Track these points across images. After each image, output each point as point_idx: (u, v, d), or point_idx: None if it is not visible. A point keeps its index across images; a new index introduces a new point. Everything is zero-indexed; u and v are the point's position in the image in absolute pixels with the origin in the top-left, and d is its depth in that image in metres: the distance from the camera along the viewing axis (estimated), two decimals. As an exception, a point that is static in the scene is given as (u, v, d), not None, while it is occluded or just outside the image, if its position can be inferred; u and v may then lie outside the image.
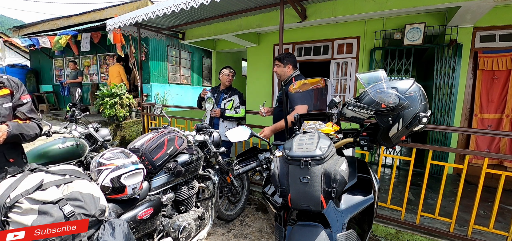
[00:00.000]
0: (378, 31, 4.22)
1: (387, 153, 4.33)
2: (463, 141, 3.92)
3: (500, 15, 3.43)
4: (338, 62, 4.76)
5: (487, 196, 2.43)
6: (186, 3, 2.75)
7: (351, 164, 1.13)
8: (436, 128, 3.03)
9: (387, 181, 3.54)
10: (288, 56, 2.36)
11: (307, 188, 0.90)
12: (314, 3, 3.41)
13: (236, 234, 2.47)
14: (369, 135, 1.19)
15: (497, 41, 3.56)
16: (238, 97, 2.99)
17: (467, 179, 2.16)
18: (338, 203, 1.05)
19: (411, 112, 0.97)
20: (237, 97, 2.98)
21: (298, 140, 1.03)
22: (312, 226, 1.00)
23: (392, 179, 2.38)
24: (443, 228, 2.24)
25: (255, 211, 2.91)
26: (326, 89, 1.69)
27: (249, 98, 6.07)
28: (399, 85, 1.00)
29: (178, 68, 8.42)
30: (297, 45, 5.19)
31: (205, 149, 2.13)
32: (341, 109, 1.20)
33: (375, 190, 1.12)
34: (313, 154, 0.92)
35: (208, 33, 4.70)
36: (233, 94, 2.99)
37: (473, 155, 3.50)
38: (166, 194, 1.72)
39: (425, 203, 2.77)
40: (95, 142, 2.54)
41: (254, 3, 3.41)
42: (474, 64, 3.73)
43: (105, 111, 5.52)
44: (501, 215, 2.50)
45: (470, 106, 3.84)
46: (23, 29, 9.07)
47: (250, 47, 5.75)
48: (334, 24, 4.62)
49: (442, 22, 3.80)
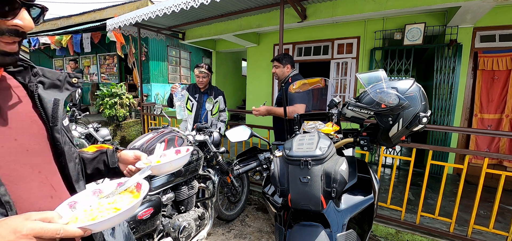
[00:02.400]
0: (378, 31, 4.22)
1: (387, 153, 4.32)
2: (463, 141, 3.92)
3: (500, 15, 3.43)
4: (338, 62, 4.76)
5: (487, 196, 2.43)
6: (186, 3, 2.75)
7: (351, 164, 1.13)
8: (436, 128, 3.03)
9: (387, 181, 3.54)
10: (286, 56, 2.40)
11: (307, 188, 0.90)
12: (314, 3, 3.41)
13: (236, 234, 2.47)
14: (369, 135, 1.19)
15: (497, 41, 3.56)
16: (223, 99, 2.75)
17: (467, 179, 2.16)
18: (338, 203, 1.05)
19: (411, 112, 0.97)
20: (222, 99, 2.74)
21: (298, 140, 1.03)
22: (312, 226, 1.00)
23: (392, 179, 2.38)
24: (443, 228, 2.24)
25: (255, 211, 2.91)
26: (326, 89, 1.69)
27: (249, 98, 6.07)
28: (399, 85, 1.00)
29: (178, 68, 8.42)
30: (297, 45, 5.19)
31: (205, 149, 2.13)
32: (341, 109, 1.20)
33: (375, 190, 1.12)
34: (313, 154, 0.92)
35: (208, 33, 4.70)
36: (217, 95, 2.73)
37: (473, 155, 3.49)
38: (166, 194, 1.72)
39: (425, 203, 2.76)
40: (95, 142, 2.54)
41: (254, 3, 3.41)
42: (474, 64, 3.73)
43: (105, 111, 5.52)
44: (501, 215, 2.50)
45: (470, 106, 3.84)
46: (23, 29, 9.06)
47: (250, 47, 5.76)
48: (334, 24, 4.62)
49: (442, 22, 3.80)
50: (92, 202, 0.53)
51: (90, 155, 0.75)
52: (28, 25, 0.47)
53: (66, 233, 0.40)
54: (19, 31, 0.47)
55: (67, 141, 0.61)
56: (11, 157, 0.49)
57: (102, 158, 0.75)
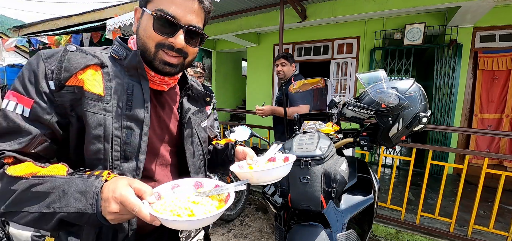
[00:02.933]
0: (378, 31, 4.22)
1: (387, 153, 4.32)
2: (463, 141, 3.92)
3: (500, 15, 3.43)
4: (338, 62, 4.76)
5: (487, 196, 2.43)
6: (186, 3, 2.75)
7: (351, 164, 1.13)
8: (436, 128, 3.03)
9: (387, 181, 3.54)
10: (292, 55, 2.43)
11: (307, 188, 0.90)
12: (314, 3, 3.41)
13: (236, 234, 2.47)
14: (369, 135, 1.19)
15: (497, 41, 3.56)
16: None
17: (467, 179, 2.16)
18: (338, 203, 1.05)
19: (411, 112, 0.98)
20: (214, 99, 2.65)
21: (298, 140, 1.03)
22: (312, 226, 1.00)
23: (392, 179, 2.38)
24: (443, 228, 2.24)
25: (255, 211, 2.91)
26: (326, 89, 1.69)
27: (249, 98, 6.08)
28: (399, 85, 1.00)
29: (178, 68, 8.43)
30: (297, 45, 5.19)
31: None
32: (341, 109, 1.20)
33: (375, 190, 1.12)
34: (313, 154, 0.92)
35: (208, 33, 4.66)
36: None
37: (473, 155, 3.49)
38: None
39: (425, 203, 2.76)
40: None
41: (254, 3, 3.41)
42: (474, 64, 3.73)
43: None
44: (501, 215, 2.50)
45: (470, 106, 3.84)
46: (23, 29, 9.08)
47: (250, 47, 5.76)
48: (334, 24, 4.62)
49: (442, 22, 3.80)
50: (188, 193, 0.57)
51: (220, 146, 0.90)
52: (179, 43, 0.61)
53: (140, 213, 0.44)
54: (174, 48, 0.62)
55: (194, 141, 0.76)
56: (157, 140, 0.69)
57: (226, 151, 0.86)
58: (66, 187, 0.48)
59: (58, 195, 0.47)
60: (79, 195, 0.47)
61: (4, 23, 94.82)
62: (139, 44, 0.64)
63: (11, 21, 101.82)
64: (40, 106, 0.54)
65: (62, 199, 0.47)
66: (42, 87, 0.55)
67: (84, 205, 0.46)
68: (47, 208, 0.47)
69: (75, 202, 0.46)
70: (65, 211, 0.47)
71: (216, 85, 7.47)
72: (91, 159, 0.57)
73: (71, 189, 0.47)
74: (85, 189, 0.47)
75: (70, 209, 0.46)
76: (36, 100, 0.54)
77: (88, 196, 0.46)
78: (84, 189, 0.47)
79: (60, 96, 0.55)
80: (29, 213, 0.48)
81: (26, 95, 0.54)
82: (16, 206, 0.49)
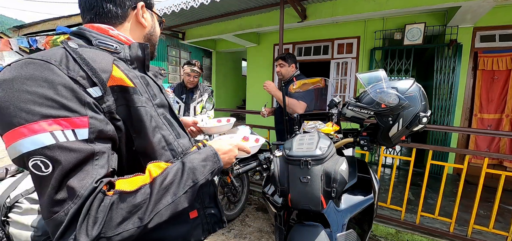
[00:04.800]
0: (378, 31, 4.22)
1: (387, 153, 4.32)
2: (463, 141, 3.92)
3: (500, 15, 3.43)
4: (338, 62, 4.76)
5: (487, 196, 2.43)
6: (186, 3, 2.75)
7: (351, 164, 1.13)
8: (436, 128, 3.03)
9: (387, 181, 3.54)
10: (291, 56, 2.40)
11: (307, 188, 0.90)
12: (314, 3, 3.41)
13: (236, 234, 2.47)
14: (369, 135, 1.19)
15: (497, 41, 3.56)
16: (207, 94, 2.57)
17: (467, 179, 2.16)
18: (338, 203, 1.05)
19: (411, 112, 0.98)
20: (206, 95, 2.57)
21: (298, 139, 1.03)
22: (312, 226, 1.00)
23: (392, 179, 2.38)
24: (443, 228, 2.24)
25: (255, 211, 2.91)
26: (326, 89, 1.69)
27: (249, 98, 6.07)
28: (399, 85, 1.00)
29: (178, 68, 8.43)
30: (297, 45, 5.19)
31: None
32: (341, 109, 1.20)
33: (375, 190, 1.12)
34: (313, 153, 0.92)
35: (208, 33, 4.70)
36: (203, 92, 2.56)
37: (473, 155, 3.50)
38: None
39: (425, 203, 2.77)
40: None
41: (254, 3, 3.41)
42: (474, 64, 3.73)
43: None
44: (501, 215, 2.50)
45: (470, 106, 3.84)
46: (23, 29, 9.07)
47: (250, 47, 5.75)
48: (334, 24, 4.62)
49: (442, 22, 3.80)
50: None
51: None
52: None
53: (248, 150, 0.82)
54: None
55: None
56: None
57: None
58: (189, 165, 0.58)
59: (188, 174, 0.57)
60: (204, 162, 0.61)
61: (4, 23, 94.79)
62: (139, 38, 0.76)
63: (11, 21, 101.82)
64: (96, 119, 0.48)
65: (195, 173, 0.58)
66: (85, 98, 0.47)
67: (211, 166, 0.62)
68: (185, 188, 0.56)
69: (204, 168, 0.60)
70: (203, 178, 0.59)
71: (216, 85, 7.48)
72: (158, 149, 0.62)
73: (194, 164, 0.59)
74: (206, 157, 0.62)
75: (205, 174, 0.60)
76: (89, 115, 0.47)
77: (210, 159, 0.63)
78: (205, 157, 0.62)
79: (105, 101, 0.51)
80: (167, 205, 0.53)
81: (72, 115, 0.45)
82: (154, 210, 0.51)
